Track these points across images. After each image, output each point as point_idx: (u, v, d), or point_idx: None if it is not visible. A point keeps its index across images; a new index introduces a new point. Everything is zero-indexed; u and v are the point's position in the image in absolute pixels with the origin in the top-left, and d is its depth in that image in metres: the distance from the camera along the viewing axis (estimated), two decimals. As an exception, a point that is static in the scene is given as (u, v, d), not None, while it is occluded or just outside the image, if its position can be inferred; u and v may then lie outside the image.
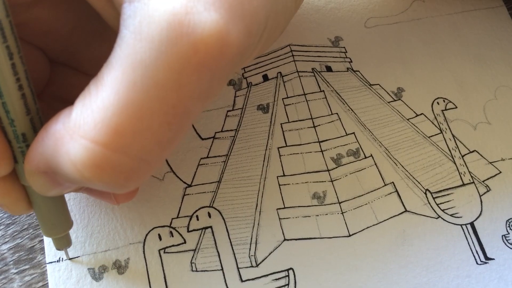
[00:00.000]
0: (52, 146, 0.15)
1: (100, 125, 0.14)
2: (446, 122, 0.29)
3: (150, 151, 0.15)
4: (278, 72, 0.29)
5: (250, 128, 0.28)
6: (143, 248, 0.24)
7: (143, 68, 0.13)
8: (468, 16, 0.32)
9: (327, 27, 0.31)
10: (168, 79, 0.14)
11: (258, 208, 0.25)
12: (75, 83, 0.22)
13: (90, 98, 0.14)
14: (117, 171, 0.14)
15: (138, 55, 0.13)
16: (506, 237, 0.26)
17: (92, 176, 0.14)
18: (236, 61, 0.15)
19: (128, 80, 0.14)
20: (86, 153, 0.14)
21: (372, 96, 0.29)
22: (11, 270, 0.24)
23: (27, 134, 0.16)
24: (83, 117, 0.14)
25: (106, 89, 0.14)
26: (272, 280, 0.24)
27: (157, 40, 0.13)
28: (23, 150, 0.17)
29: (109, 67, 0.14)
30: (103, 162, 0.14)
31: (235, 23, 0.14)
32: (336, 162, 0.27)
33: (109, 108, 0.14)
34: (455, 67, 0.30)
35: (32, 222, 0.25)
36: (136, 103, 0.14)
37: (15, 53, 0.15)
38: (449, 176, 0.27)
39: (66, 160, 0.15)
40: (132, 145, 0.14)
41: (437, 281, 0.24)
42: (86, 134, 0.14)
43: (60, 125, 0.15)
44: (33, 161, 0.16)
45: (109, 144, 0.14)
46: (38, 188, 0.17)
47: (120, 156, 0.14)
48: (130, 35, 0.14)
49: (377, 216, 0.26)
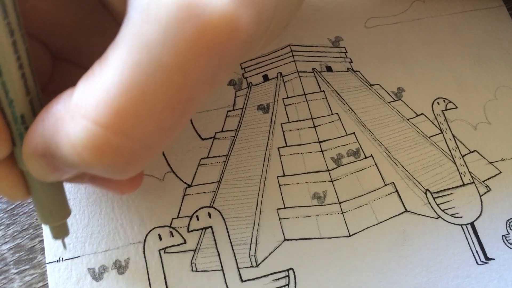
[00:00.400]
0: (51, 127, 0.15)
1: (102, 105, 0.13)
2: (446, 122, 0.29)
3: (151, 135, 0.14)
4: (278, 72, 0.29)
5: (250, 128, 0.28)
6: (143, 248, 0.24)
7: (149, 50, 0.13)
8: (468, 16, 0.32)
9: (327, 27, 0.31)
10: (174, 62, 0.13)
11: (258, 208, 0.25)
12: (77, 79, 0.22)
13: (93, 78, 0.14)
14: (117, 154, 0.14)
15: (144, 36, 0.13)
16: (506, 237, 0.26)
17: (91, 159, 0.14)
18: (244, 49, 0.15)
19: (133, 60, 0.13)
20: (87, 135, 0.14)
21: (372, 96, 0.29)
22: (11, 270, 0.24)
23: (26, 115, 0.16)
24: (85, 97, 0.14)
25: (110, 69, 0.14)
26: (272, 280, 0.24)
27: (164, 22, 0.13)
28: (21, 132, 0.16)
29: (114, 47, 0.14)
30: (103, 144, 0.14)
31: (246, 8, 0.14)
32: (336, 162, 0.27)
33: (112, 88, 0.13)
34: (455, 67, 0.30)
35: (33, 222, 0.25)
36: (140, 85, 0.13)
37: (16, 30, 0.14)
38: (449, 176, 0.27)
39: (66, 142, 0.14)
40: (134, 128, 0.14)
41: (437, 281, 0.24)
42: (87, 114, 0.14)
43: (61, 105, 0.15)
44: (31, 142, 0.16)
45: (110, 126, 0.13)
46: (36, 173, 0.17)
47: (121, 138, 0.14)
48: (137, 16, 0.13)
49: (377, 216, 0.26)
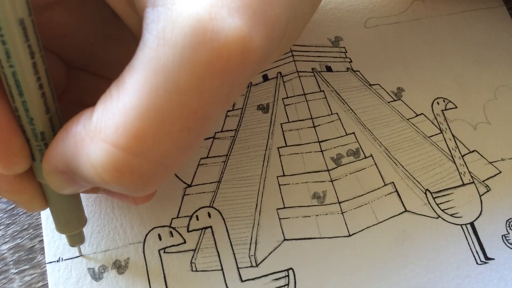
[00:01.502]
0: (72, 147, 0.15)
1: (121, 129, 0.14)
2: (446, 122, 0.29)
3: (169, 156, 0.15)
4: (278, 72, 0.29)
5: (250, 128, 0.28)
6: (143, 248, 0.24)
7: (165, 73, 0.13)
8: (468, 16, 0.32)
9: (327, 27, 0.31)
10: (190, 85, 0.14)
11: (258, 208, 0.25)
12: (92, 87, 0.22)
13: (111, 101, 0.14)
14: (136, 175, 0.14)
15: (161, 60, 0.13)
16: (506, 237, 0.26)
17: (111, 180, 0.14)
18: (257, 67, 0.15)
19: (150, 84, 0.14)
20: (107, 157, 0.14)
21: (372, 96, 0.29)
22: (11, 270, 0.24)
23: (46, 132, 0.17)
24: (104, 120, 0.14)
25: (127, 93, 0.14)
26: (272, 280, 0.24)
27: (180, 46, 0.13)
28: (41, 148, 0.17)
29: (131, 71, 0.14)
30: (123, 166, 0.14)
31: (258, 29, 0.14)
32: (336, 162, 0.27)
33: (131, 112, 0.14)
34: (455, 67, 0.30)
35: (32, 222, 0.25)
36: (157, 108, 0.14)
37: (37, 52, 0.15)
38: (449, 176, 0.27)
39: (86, 163, 0.15)
40: (152, 149, 0.14)
41: (437, 281, 0.24)
42: (107, 137, 0.14)
43: (81, 127, 0.15)
44: (52, 160, 0.16)
45: (130, 148, 0.14)
46: (55, 186, 0.17)
47: (140, 160, 0.14)
48: (153, 40, 0.14)
49: (377, 216, 0.26)
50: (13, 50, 0.14)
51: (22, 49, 0.14)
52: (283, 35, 0.16)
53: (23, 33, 0.14)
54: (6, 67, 0.14)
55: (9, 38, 0.14)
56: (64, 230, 0.21)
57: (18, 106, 0.16)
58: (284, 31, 0.16)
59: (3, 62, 0.14)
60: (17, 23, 0.14)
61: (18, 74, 0.15)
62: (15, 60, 0.14)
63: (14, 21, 0.14)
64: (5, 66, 0.15)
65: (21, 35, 0.14)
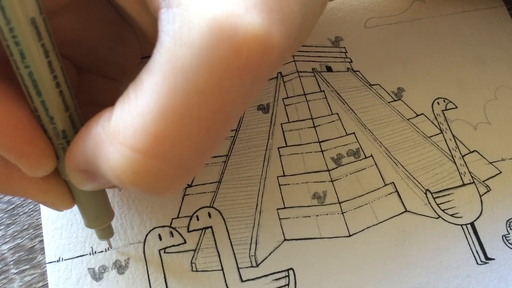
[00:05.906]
0: (92, 148, 0.15)
1: (140, 132, 0.14)
2: (446, 122, 0.29)
3: (189, 157, 0.14)
4: (278, 72, 0.29)
5: (250, 128, 0.28)
6: (143, 248, 0.24)
7: (184, 74, 0.13)
8: (468, 16, 0.32)
9: (327, 27, 0.31)
10: (210, 85, 0.13)
11: (258, 208, 0.25)
12: (102, 88, 0.22)
13: (129, 103, 0.14)
14: (156, 178, 0.14)
15: (178, 61, 0.13)
16: (507, 237, 0.26)
17: (130, 183, 0.14)
18: (276, 64, 0.15)
19: (168, 86, 0.13)
20: (125, 160, 0.14)
21: (372, 96, 0.29)
22: (11, 270, 0.24)
23: (67, 130, 0.17)
24: (122, 123, 0.14)
25: (145, 95, 0.14)
26: (272, 280, 0.24)
27: (198, 45, 0.13)
28: (63, 146, 0.17)
29: (148, 73, 0.14)
30: (142, 169, 0.14)
31: (277, 26, 0.14)
32: (336, 162, 0.27)
33: (149, 114, 0.13)
34: (455, 67, 0.30)
35: (32, 222, 0.25)
36: (176, 110, 0.13)
37: (51, 50, 0.15)
38: (449, 176, 0.27)
39: (105, 165, 0.15)
40: (171, 152, 0.14)
41: (437, 281, 0.24)
42: (125, 141, 0.14)
43: (100, 128, 0.15)
44: (73, 159, 0.16)
45: (148, 151, 0.14)
46: (78, 184, 0.17)
47: (159, 163, 0.14)
48: (169, 41, 0.13)
49: (377, 216, 0.26)
50: (27, 50, 0.14)
51: (36, 49, 0.14)
52: (297, 33, 0.16)
53: (36, 33, 0.14)
54: (22, 68, 0.14)
55: (22, 39, 0.14)
56: (94, 225, 0.21)
57: (37, 106, 0.16)
58: (298, 28, 0.16)
59: (18, 64, 0.14)
60: (29, 23, 0.14)
61: (35, 74, 0.15)
62: (30, 61, 0.14)
63: (25, 21, 0.14)
64: (20, 67, 0.14)
65: (33, 34, 0.14)
